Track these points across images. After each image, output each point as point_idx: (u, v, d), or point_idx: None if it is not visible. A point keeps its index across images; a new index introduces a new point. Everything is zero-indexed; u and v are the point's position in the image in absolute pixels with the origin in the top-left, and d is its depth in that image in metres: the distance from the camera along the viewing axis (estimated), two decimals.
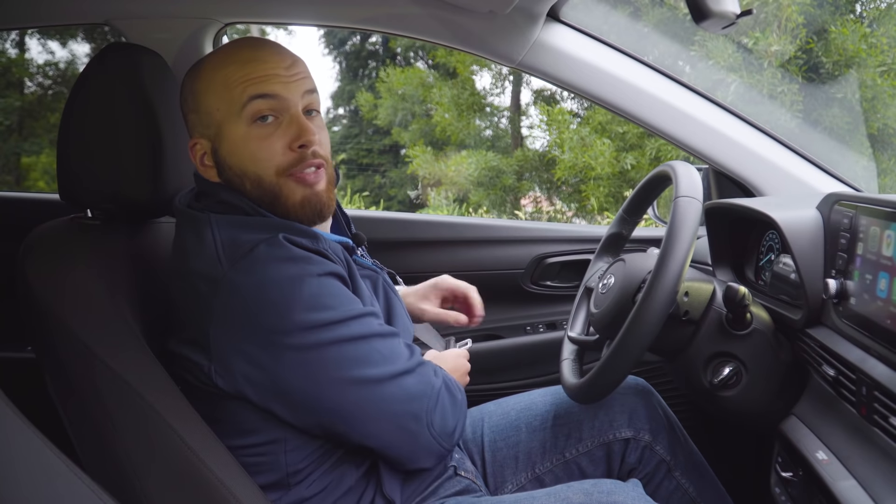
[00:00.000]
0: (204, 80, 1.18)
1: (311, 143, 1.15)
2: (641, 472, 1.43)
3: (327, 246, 1.14)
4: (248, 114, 1.14)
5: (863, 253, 1.09)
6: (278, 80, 1.14)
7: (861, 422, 1.05)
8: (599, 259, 1.62)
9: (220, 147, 1.17)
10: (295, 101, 1.15)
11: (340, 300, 1.10)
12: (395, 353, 1.13)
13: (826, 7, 7.40)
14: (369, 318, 1.13)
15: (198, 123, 1.20)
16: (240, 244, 1.10)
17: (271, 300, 1.06)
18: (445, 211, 9.49)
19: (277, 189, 1.16)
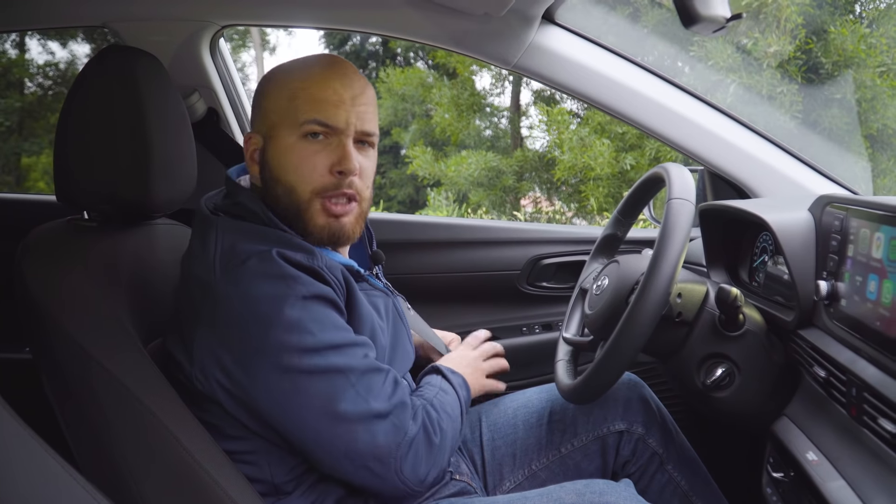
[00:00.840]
0: (274, 82, 1.21)
1: (350, 171, 1.16)
2: (635, 464, 1.45)
3: (323, 263, 1.13)
4: (303, 130, 1.16)
5: (853, 255, 1.10)
6: (342, 107, 1.16)
7: (851, 423, 1.05)
8: (594, 260, 1.62)
9: (269, 148, 1.20)
10: (349, 129, 1.17)
11: (322, 326, 1.07)
12: (371, 392, 1.08)
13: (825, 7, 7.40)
14: (353, 349, 1.10)
15: (257, 119, 1.23)
16: (235, 254, 1.11)
17: (253, 316, 1.06)
18: (445, 211, 9.49)
19: (306, 206, 1.17)
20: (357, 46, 14.53)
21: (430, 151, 10.02)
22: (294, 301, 1.06)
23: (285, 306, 1.05)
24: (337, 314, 1.11)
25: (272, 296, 1.06)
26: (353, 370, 1.08)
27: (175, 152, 1.27)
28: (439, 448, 1.15)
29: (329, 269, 1.13)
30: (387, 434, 1.08)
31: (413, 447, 1.11)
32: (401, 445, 1.09)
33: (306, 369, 1.05)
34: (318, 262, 1.12)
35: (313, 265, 1.11)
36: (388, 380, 1.12)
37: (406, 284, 1.64)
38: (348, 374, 1.07)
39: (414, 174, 10.21)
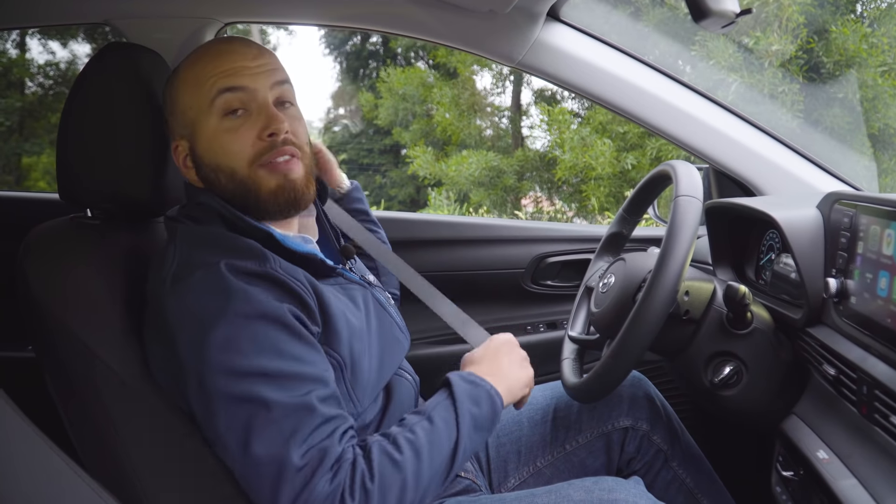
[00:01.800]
0: (178, 80, 1.19)
1: (280, 130, 1.13)
2: (640, 461, 1.45)
3: (278, 267, 1.08)
4: (219, 108, 1.14)
5: (863, 252, 1.09)
6: (246, 71, 1.14)
7: (862, 421, 1.05)
8: (600, 258, 1.62)
9: (196, 145, 1.17)
10: (263, 92, 1.15)
11: (259, 349, 1.00)
12: (295, 436, 0.96)
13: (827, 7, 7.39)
14: (291, 382, 0.99)
15: (175, 125, 1.20)
16: (185, 266, 1.08)
17: (189, 329, 1.02)
18: (446, 211, 9.49)
19: (250, 181, 1.14)
20: (357, 46, 14.53)
21: (430, 151, 10.03)
22: (232, 318, 1.00)
23: (221, 322, 1.00)
24: (287, 336, 1.02)
25: (210, 311, 1.02)
26: (280, 406, 0.97)
27: None
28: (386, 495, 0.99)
29: (287, 272, 1.08)
30: (293, 491, 0.95)
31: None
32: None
33: (228, 393, 0.98)
34: (273, 265, 1.07)
35: (266, 270, 1.06)
36: (326, 428, 0.99)
37: None
38: (272, 408, 0.97)
39: (415, 174, 10.22)
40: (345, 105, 15.56)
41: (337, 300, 1.15)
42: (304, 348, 1.03)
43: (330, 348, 1.10)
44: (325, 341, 1.10)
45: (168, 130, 1.23)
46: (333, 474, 0.96)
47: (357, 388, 1.14)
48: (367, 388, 1.16)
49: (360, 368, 1.15)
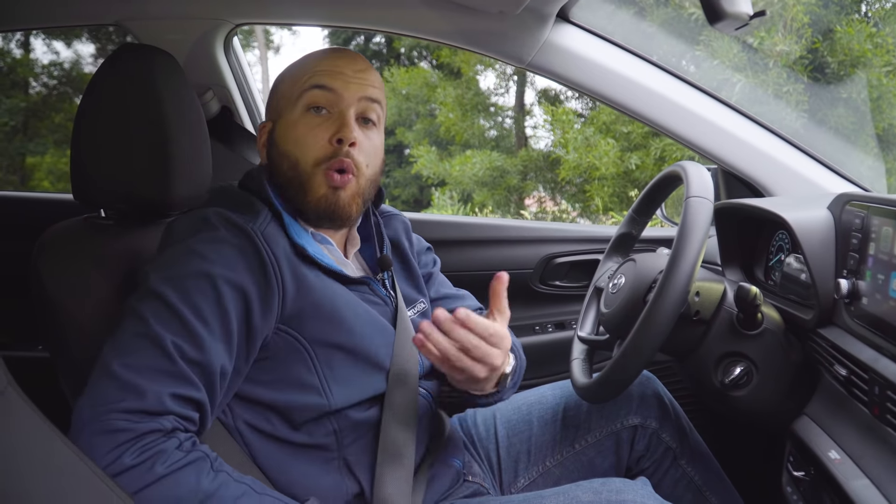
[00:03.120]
0: (286, 70, 1.27)
1: (346, 139, 1.16)
2: (649, 459, 1.45)
3: (260, 230, 1.10)
4: (305, 101, 1.19)
5: (875, 253, 1.09)
6: (341, 77, 1.19)
7: (874, 421, 1.05)
8: (609, 259, 1.62)
9: (276, 128, 1.23)
10: (349, 101, 1.19)
11: (178, 280, 1.02)
12: (131, 355, 0.96)
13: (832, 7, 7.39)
14: (172, 323, 0.99)
15: (269, 107, 1.28)
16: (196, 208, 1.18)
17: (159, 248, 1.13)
18: (450, 211, 9.49)
19: (307, 177, 1.18)
20: (361, 46, 14.54)
21: (434, 151, 10.04)
22: (183, 248, 1.06)
23: (171, 245, 1.08)
24: (211, 294, 1.03)
25: (174, 237, 1.10)
26: (147, 326, 0.98)
27: (191, 150, 1.27)
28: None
29: (266, 240, 1.10)
30: (103, 398, 0.93)
31: (111, 445, 0.92)
32: (101, 418, 0.92)
33: (132, 301, 1.02)
34: (256, 226, 1.10)
35: (247, 227, 1.09)
36: (162, 377, 0.97)
37: None
38: (140, 324, 0.99)
39: (418, 174, 10.23)
40: None
41: (331, 292, 1.15)
42: (210, 309, 1.02)
43: (297, 332, 1.11)
44: (295, 326, 1.11)
45: (267, 110, 1.30)
46: (136, 420, 0.93)
47: (332, 383, 1.13)
48: (350, 387, 1.15)
49: (339, 365, 1.14)
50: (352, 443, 1.17)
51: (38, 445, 0.84)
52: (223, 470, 0.98)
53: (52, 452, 0.85)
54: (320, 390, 1.13)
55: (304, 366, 1.12)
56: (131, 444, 0.92)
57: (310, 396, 1.12)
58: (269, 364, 1.11)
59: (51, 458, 0.85)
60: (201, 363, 1.00)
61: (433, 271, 1.49)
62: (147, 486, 0.91)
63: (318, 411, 1.12)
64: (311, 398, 1.12)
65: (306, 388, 1.12)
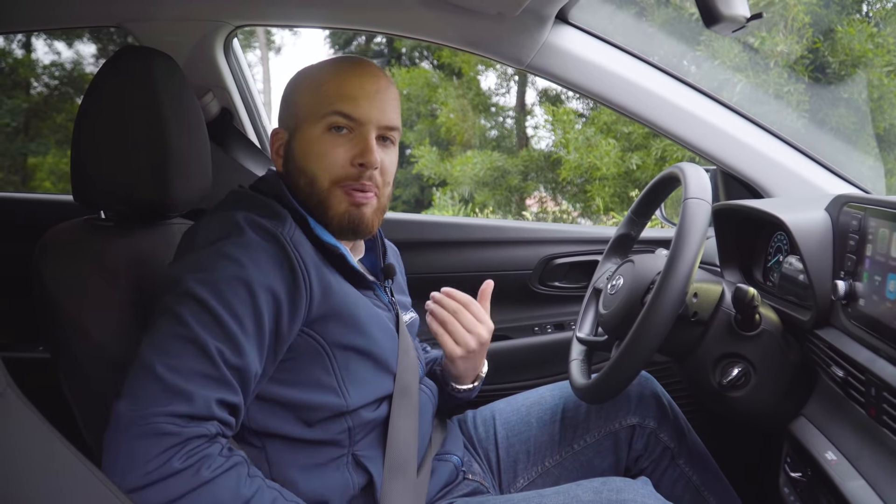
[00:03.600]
0: (303, 78, 1.25)
1: (370, 164, 1.18)
2: (647, 459, 1.46)
3: (289, 235, 1.11)
4: (327, 122, 1.19)
5: (872, 254, 1.09)
6: (365, 102, 1.19)
7: (870, 422, 1.05)
8: (608, 260, 1.62)
9: (294, 140, 1.23)
10: (371, 125, 1.19)
11: (214, 284, 1.02)
12: (177, 358, 0.96)
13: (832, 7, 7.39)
14: (213, 326, 0.99)
15: (285, 115, 1.26)
16: (215, 208, 1.18)
17: (181, 249, 1.12)
18: (451, 211, 9.49)
19: (326, 195, 1.19)
20: (362, 46, 14.54)
21: (435, 151, 10.03)
22: (215, 251, 1.05)
23: (205, 249, 1.06)
24: (246, 297, 1.03)
25: (204, 238, 1.09)
26: (189, 329, 0.98)
27: (191, 152, 1.28)
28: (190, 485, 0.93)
29: (295, 244, 1.10)
30: (148, 397, 0.93)
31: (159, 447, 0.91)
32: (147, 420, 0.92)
33: (166, 303, 1.02)
34: (285, 231, 1.11)
35: (276, 231, 1.09)
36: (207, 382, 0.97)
37: (416, 284, 1.64)
38: (182, 326, 0.98)
39: (419, 174, 10.22)
40: None
41: (350, 297, 1.17)
42: (247, 314, 1.03)
43: (319, 335, 1.12)
44: (318, 329, 1.12)
45: (280, 116, 1.29)
46: (184, 424, 0.93)
47: (349, 384, 1.15)
48: (364, 389, 1.18)
49: (355, 367, 1.16)
50: (362, 439, 1.19)
51: (38, 447, 0.85)
52: (257, 475, 1.00)
53: (51, 454, 0.86)
54: (338, 391, 1.14)
55: (323, 367, 1.13)
56: (179, 448, 0.92)
57: (328, 396, 1.14)
58: (289, 364, 1.12)
59: (50, 460, 0.85)
60: (240, 368, 1.01)
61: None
62: (193, 489, 0.92)
63: (335, 411, 1.14)
64: (329, 398, 1.14)
65: (324, 389, 1.14)
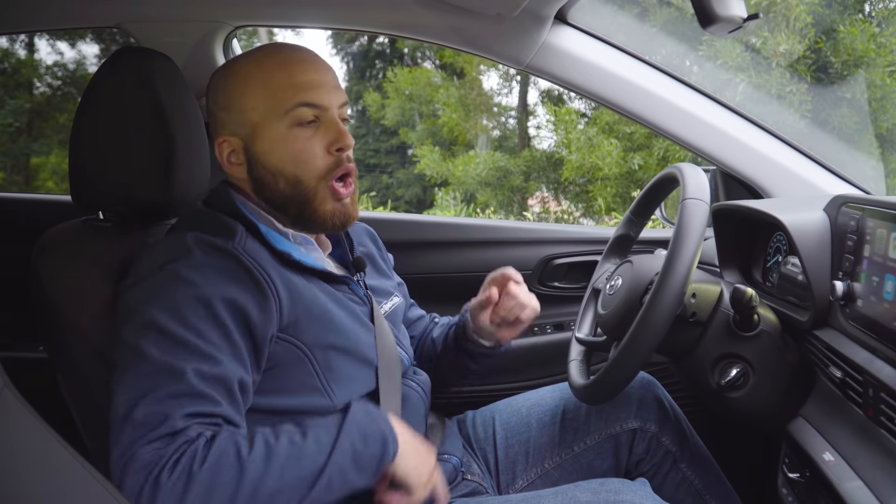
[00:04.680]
0: (240, 79, 1.19)
1: (348, 145, 1.18)
2: (648, 462, 1.45)
3: (241, 247, 1.11)
4: (293, 118, 1.16)
5: (870, 255, 1.09)
6: (324, 88, 1.18)
7: (868, 423, 1.05)
8: (607, 260, 1.62)
9: (255, 145, 1.18)
10: (333, 108, 1.19)
11: (165, 305, 1.01)
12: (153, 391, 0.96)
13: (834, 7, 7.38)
14: (176, 346, 0.99)
15: (228, 121, 1.20)
16: (166, 235, 1.17)
17: (131, 277, 1.10)
18: (453, 211, 9.50)
19: (313, 193, 1.18)
20: (365, 46, 14.55)
21: (437, 151, 10.04)
22: (165, 274, 1.05)
23: (154, 275, 1.05)
24: (201, 310, 1.02)
25: (152, 264, 1.07)
26: (152, 362, 0.97)
27: (190, 153, 1.28)
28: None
29: (250, 255, 1.10)
30: (123, 444, 0.94)
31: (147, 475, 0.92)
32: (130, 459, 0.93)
33: (124, 337, 1.01)
34: (236, 244, 1.10)
35: (228, 247, 1.09)
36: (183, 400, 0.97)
37: (416, 284, 1.64)
38: (145, 362, 0.98)
39: (421, 174, 10.23)
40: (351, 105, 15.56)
41: (321, 296, 1.17)
42: (210, 328, 1.02)
43: (296, 339, 1.12)
44: (292, 332, 1.12)
45: (214, 124, 1.23)
46: (163, 445, 0.93)
47: (333, 384, 1.15)
48: (348, 386, 1.17)
49: (337, 366, 1.16)
50: None
51: (35, 446, 0.85)
52: (256, 432, 0.99)
53: (48, 453, 0.86)
54: (323, 392, 1.14)
55: (306, 370, 1.13)
56: (164, 465, 0.92)
57: (314, 399, 1.13)
58: (273, 373, 1.11)
59: (48, 459, 0.85)
60: (217, 377, 1.00)
61: (401, 282, 1.55)
62: (191, 487, 0.91)
63: (324, 412, 1.13)
64: (316, 400, 1.13)
65: (310, 391, 1.13)
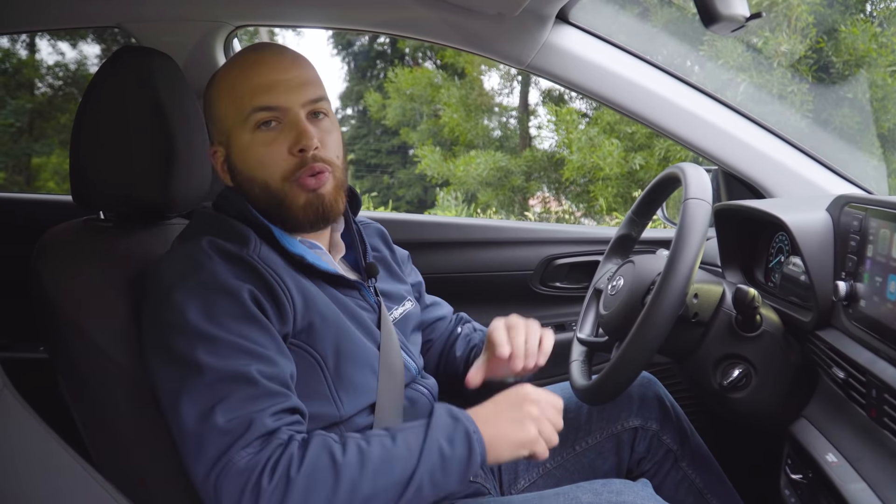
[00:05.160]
0: (216, 88, 1.20)
1: (309, 147, 1.14)
2: (650, 461, 1.45)
3: (256, 254, 1.11)
4: (252, 122, 1.15)
5: (873, 255, 1.09)
6: (280, 87, 1.14)
7: (871, 424, 1.05)
8: (608, 260, 1.62)
9: (231, 154, 1.19)
10: (296, 107, 1.15)
11: (206, 315, 1.01)
12: (224, 401, 0.97)
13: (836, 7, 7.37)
14: (231, 352, 1.00)
15: (213, 131, 1.23)
16: (179, 240, 1.17)
17: (157, 289, 1.08)
18: (454, 211, 9.50)
19: (283, 194, 1.16)
20: (365, 47, 14.56)
21: (438, 151, 10.04)
22: (192, 285, 1.04)
23: (180, 287, 1.04)
24: (238, 312, 1.03)
25: (175, 276, 1.06)
26: (213, 371, 0.98)
27: (190, 152, 1.27)
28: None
29: (265, 261, 1.10)
30: (211, 456, 0.95)
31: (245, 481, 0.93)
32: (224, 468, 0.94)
33: (168, 353, 1.02)
34: (251, 251, 1.11)
35: (242, 254, 1.09)
36: (261, 402, 0.98)
37: None
38: (205, 372, 0.98)
39: (422, 174, 10.24)
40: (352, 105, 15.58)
41: (333, 302, 1.16)
42: (252, 328, 1.03)
43: (308, 345, 1.11)
44: (305, 339, 1.11)
45: (209, 134, 1.26)
46: (257, 449, 0.94)
47: (341, 392, 1.14)
48: (356, 395, 1.16)
49: (346, 373, 1.15)
50: None
51: (35, 447, 0.85)
52: (348, 437, 1.01)
53: (48, 454, 0.86)
54: (331, 400, 1.13)
55: (317, 378, 1.12)
56: (262, 470, 0.93)
57: (322, 406, 1.12)
58: None
59: (47, 460, 0.85)
60: (277, 375, 1.02)
61: (419, 280, 1.52)
62: (291, 492, 0.93)
63: (329, 421, 1.12)
64: (324, 408, 1.12)
65: (319, 399, 1.12)
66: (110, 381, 1.11)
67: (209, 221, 1.18)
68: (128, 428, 1.11)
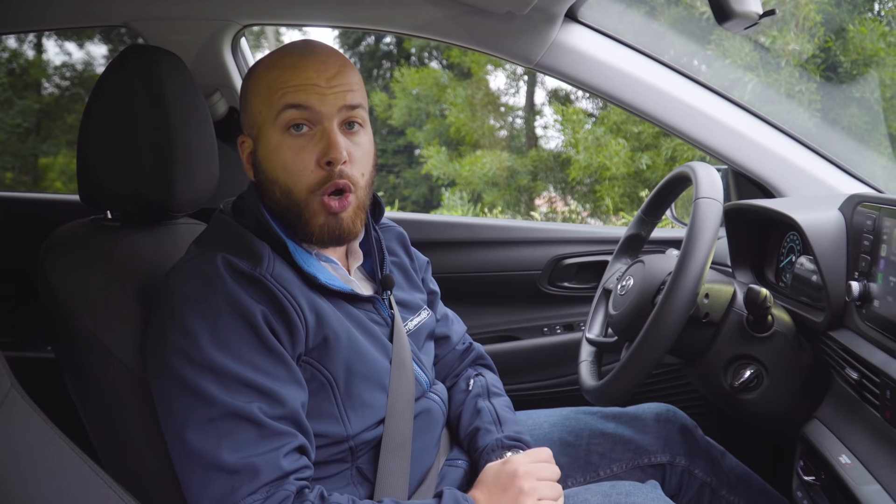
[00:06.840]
0: (253, 80, 1.16)
1: (337, 160, 1.09)
2: (684, 497, 1.41)
3: (269, 272, 1.08)
4: (283, 121, 1.11)
5: (886, 255, 1.08)
6: (316, 90, 1.10)
7: (885, 425, 1.03)
8: (618, 260, 1.61)
9: (258, 149, 1.15)
10: (330, 114, 1.11)
11: (217, 343, 1.00)
12: (230, 438, 0.97)
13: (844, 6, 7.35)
14: (239, 386, 1.00)
15: (245, 121, 1.19)
16: (194, 250, 1.14)
17: (166, 308, 1.06)
18: (460, 211, 9.49)
19: (304, 205, 1.12)
20: (372, 47, 14.56)
21: (444, 151, 10.04)
22: (203, 308, 1.02)
23: (192, 309, 1.02)
24: (251, 339, 1.02)
25: (187, 295, 1.04)
26: (221, 405, 0.98)
27: (198, 152, 1.27)
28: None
29: (278, 280, 1.07)
30: (218, 493, 0.96)
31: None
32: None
33: (176, 379, 1.00)
34: (264, 270, 1.08)
35: (255, 273, 1.06)
36: (268, 443, 0.98)
37: None
38: (213, 405, 0.98)
39: (428, 174, 10.23)
40: None
41: (346, 320, 1.14)
42: (264, 357, 1.02)
43: (320, 364, 1.10)
44: (317, 357, 1.10)
45: (241, 122, 1.22)
46: (263, 497, 0.96)
47: (350, 411, 1.12)
48: (364, 413, 1.14)
49: (356, 392, 1.13)
50: (364, 454, 1.15)
51: (42, 448, 0.84)
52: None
53: (55, 455, 0.85)
54: (339, 420, 1.11)
55: (326, 397, 1.10)
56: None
57: (329, 426, 1.10)
58: None
59: (54, 461, 0.85)
60: (285, 414, 1.01)
61: (435, 290, 1.47)
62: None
63: (335, 438, 1.11)
64: (331, 427, 1.10)
65: (326, 418, 1.10)
66: (116, 381, 1.10)
67: (226, 232, 1.15)
68: (135, 428, 1.11)
